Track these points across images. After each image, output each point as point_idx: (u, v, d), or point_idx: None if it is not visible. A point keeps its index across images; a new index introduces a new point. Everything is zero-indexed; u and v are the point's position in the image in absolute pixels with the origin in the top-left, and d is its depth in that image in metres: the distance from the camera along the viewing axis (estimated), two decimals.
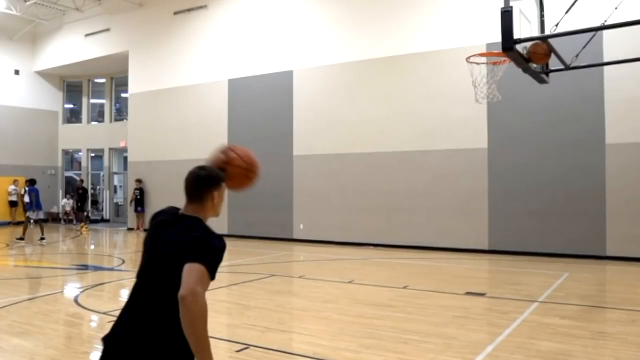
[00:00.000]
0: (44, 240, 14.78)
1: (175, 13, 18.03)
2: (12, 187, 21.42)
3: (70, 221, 22.20)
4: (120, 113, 22.98)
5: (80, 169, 23.68)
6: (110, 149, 22.40)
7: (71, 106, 24.28)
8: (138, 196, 18.56)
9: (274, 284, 8.64)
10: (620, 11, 6.91)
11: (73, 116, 24.24)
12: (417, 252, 12.47)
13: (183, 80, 17.82)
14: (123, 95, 22.02)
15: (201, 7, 17.36)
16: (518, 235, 11.86)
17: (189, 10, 17.66)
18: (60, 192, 23.44)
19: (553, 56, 6.59)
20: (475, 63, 8.89)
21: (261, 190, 15.80)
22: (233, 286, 8.61)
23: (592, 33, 7.34)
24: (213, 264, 2.21)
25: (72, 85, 23.91)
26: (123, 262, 11.29)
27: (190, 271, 2.06)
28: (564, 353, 4.83)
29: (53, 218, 22.76)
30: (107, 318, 6.20)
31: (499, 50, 5.81)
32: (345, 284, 8.53)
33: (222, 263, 2.40)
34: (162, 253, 2.25)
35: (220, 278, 10.18)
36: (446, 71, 12.79)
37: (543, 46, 6.26)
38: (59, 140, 23.53)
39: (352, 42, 14.29)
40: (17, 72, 22.23)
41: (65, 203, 22.61)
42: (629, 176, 10.85)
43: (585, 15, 8.18)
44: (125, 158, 21.64)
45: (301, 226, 14.97)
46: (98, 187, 23.56)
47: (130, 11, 19.22)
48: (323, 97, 14.72)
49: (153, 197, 18.57)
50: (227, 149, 2.86)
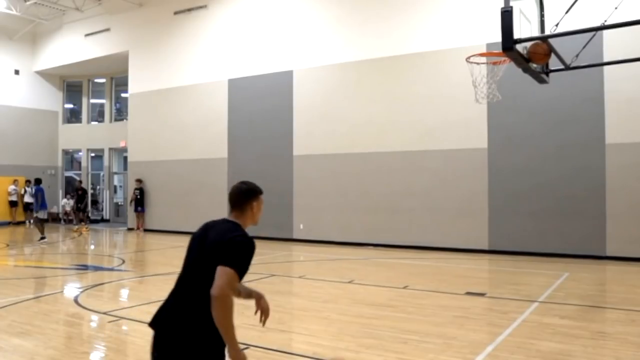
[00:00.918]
0: (45, 239, 14.79)
1: (175, 13, 18.03)
2: (12, 187, 21.42)
3: (70, 221, 22.18)
4: (120, 113, 22.98)
5: (80, 169, 23.68)
6: (110, 149, 22.40)
7: (71, 106, 24.28)
8: (138, 196, 18.55)
9: (274, 284, 8.64)
10: (620, 11, 6.91)
11: (73, 116, 24.24)
12: (417, 252, 12.47)
13: (183, 80, 17.82)
14: (123, 95, 22.02)
15: (201, 7, 17.37)
16: (518, 235, 11.86)
17: (189, 10, 17.66)
18: (60, 192, 23.43)
19: (553, 56, 6.59)
20: (475, 63, 8.88)
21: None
22: None
23: (592, 33, 7.34)
24: (242, 267, 2.63)
25: (72, 85, 23.91)
26: (123, 262, 11.29)
27: (222, 274, 2.46)
28: (564, 353, 4.83)
29: (53, 218, 22.72)
30: (107, 318, 6.20)
31: (499, 50, 5.81)
32: (345, 284, 8.53)
33: None
34: (205, 249, 2.70)
35: None
36: (446, 71, 12.79)
37: (543, 46, 6.25)
38: (59, 140, 23.53)
39: (352, 42, 14.29)
40: (17, 72, 22.23)
41: (65, 203, 22.59)
42: (629, 176, 10.85)
43: (585, 15, 8.19)
44: (125, 158, 21.64)
45: (301, 226, 14.97)
46: (98, 187, 23.56)
47: (130, 11, 19.22)
48: (323, 97, 14.72)
49: (153, 197, 18.57)
50: None
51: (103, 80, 23.06)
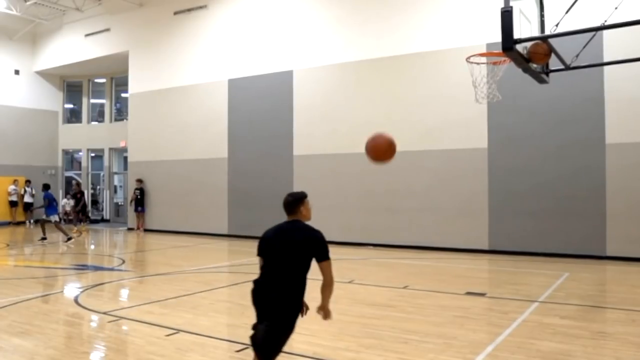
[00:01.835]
0: (46, 240, 14.79)
1: (175, 13, 18.03)
2: (12, 187, 21.42)
3: (70, 221, 22.17)
4: (120, 113, 22.98)
5: (80, 169, 23.68)
6: (110, 149, 22.39)
7: (71, 106, 24.28)
8: (138, 196, 18.55)
9: None
10: (620, 11, 6.92)
11: (73, 116, 24.24)
12: (417, 252, 12.47)
13: (183, 80, 17.82)
14: (123, 95, 22.02)
15: (201, 7, 17.37)
16: (518, 235, 11.86)
17: (189, 10, 17.66)
18: (60, 192, 23.42)
19: (553, 56, 6.59)
20: (475, 63, 8.89)
21: (261, 190, 15.83)
22: (233, 286, 8.61)
23: (592, 33, 7.34)
24: (328, 253, 3.87)
25: (72, 85, 23.91)
26: (123, 262, 11.29)
27: (326, 267, 3.83)
28: (564, 353, 4.83)
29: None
30: (107, 318, 6.20)
31: (499, 50, 5.81)
32: (345, 284, 8.52)
33: (223, 263, 2.63)
34: (298, 245, 3.83)
35: (220, 278, 10.20)
36: (446, 71, 12.79)
37: (543, 46, 6.26)
38: (59, 140, 23.53)
39: (352, 42, 14.29)
40: (17, 72, 22.23)
41: (65, 203, 22.58)
42: (629, 176, 10.85)
43: (585, 15, 8.18)
44: (125, 158, 21.64)
45: None
46: (98, 187, 23.56)
47: (130, 11, 19.22)
48: (323, 97, 14.72)
49: (153, 197, 18.57)
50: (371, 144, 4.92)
51: (103, 80, 23.06)
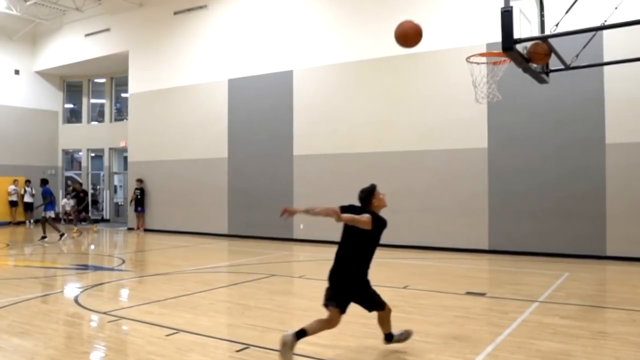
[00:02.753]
0: (46, 239, 14.81)
1: (175, 13, 18.04)
2: (12, 187, 21.42)
3: (70, 221, 22.18)
4: (120, 113, 22.98)
5: (80, 169, 23.68)
6: (110, 149, 22.40)
7: (71, 106, 24.29)
8: (139, 196, 18.55)
9: (274, 284, 8.64)
10: (620, 11, 6.92)
11: (73, 116, 24.25)
12: (417, 252, 12.47)
13: (183, 80, 17.82)
14: (123, 95, 22.03)
15: (201, 7, 17.37)
16: (518, 235, 11.86)
17: (189, 10, 17.66)
18: (60, 192, 23.42)
19: (553, 56, 6.59)
20: (475, 63, 8.88)
21: (261, 190, 15.84)
22: (233, 286, 8.62)
23: (592, 33, 7.35)
24: (376, 221, 4.59)
25: (72, 85, 23.92)
26: (123, 262, 11.29)
27: (362, 215, 4.53)
28: (564, 353, 4.83)
29: (53, 218, 22.71)
30: (107, 318, 6.20)
31: (499, 50, 5.81)
32: None
33: (223, 263, 2.62)
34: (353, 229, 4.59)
35: (220, 278, 10.20)
36: (446, 71, 12.79)
37: (543, 46, 6.26)
38: (59, 140, 23.54)
39: (353, 42, 14.29)
40: (17, 72, 22.23)
41: (65, 203, 22.59)
42: (629, 176, 10.85)
43: (585, 15, 8.18)
44: (125, 158, 21.64)
45: (301, 226, 14.97)
46: (98, 187, 23.57)
47: (130, 11, 19.23)
48: (323, 97, 14.72)
49: (153, 197, 18.58)
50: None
51: (103, 80, 23.07)
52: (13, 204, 21.52)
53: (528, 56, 6.16)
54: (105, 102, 23.07)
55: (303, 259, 12.34)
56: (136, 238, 16.73)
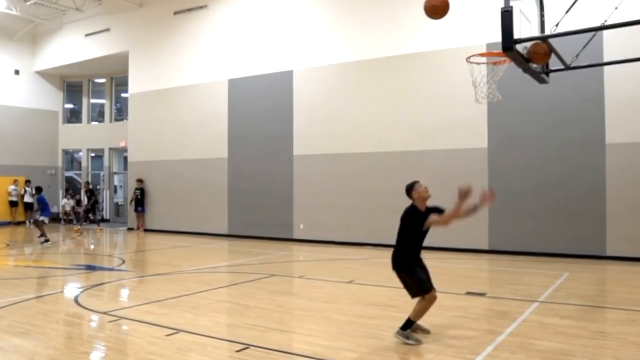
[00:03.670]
0: (49, 242, 14.69)
1: (175, 13, 18.04)
2: (12, 187, 21.42)
3: (70, 221, 22.19)
4: (120, 113, 22.98)
5: (80, 169, 23.68)
6: (110, 149, 22.40)
7: (71, 106, 24.28)
8: (139, 196, 18.55)
9: (274, 284, 8.64)
10: (620, 11, 6.92)
11: (73, 116, 24.25)
12: None
13: (183, 80, 17.82)
14: (123, 95, 22.03)
15: (201, 7, 17.37)
16: (518, 235, 11.86)
17: (189, 10, 17.66)
18: (60, 192, 23.43)
19: (553, 56, 6.59)
20: (475, 63, 8.88)
21: (261, 190, 15.84)
22: (233, 286, 8.62)
23: (592, 33, 7.34)
24: (407, 223, 5.43)
25: (72, 85, 23.91)
26: (123, 262, 11.29)
27: (430, 223, 5.20)
28: (564, 353, 4.83)
29: (53, 218, 22.72)
30: (107, 318, 6.20)
31: (499, 50, 5.81)
32: (345, 284, 8.53)
33: (223, 263, 2.64)
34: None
35: (220, 278, 10.20)
36: (446, 71, 12.79)
37: (543, 46, 6.26)
38: (59, 140, 23.54)
39: (352, 42, 14.29)
40: (17, 72, 22.23)
41: (65, 203, 22.60)
42: (629, 176, 10.85)
43: (585, 15, 8.18)
44: (125, 158, 21.64)
45: (301, 226, 14.97)
46: (98, 187, 23.58)
47: (130, 11, 19.22)
48: (323, 97, 14.72)
49: (153, 197, 18.58)
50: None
51: (103, 80, 23.07)
52: (13, 204, 21.52)
53: (528, 56, 6.16)
54: (105, 102, 23.07)
55: (303, 259, 12.34)
56: (136, 238, 16.73)
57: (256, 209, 15.80)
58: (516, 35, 5.58)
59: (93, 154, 23.53)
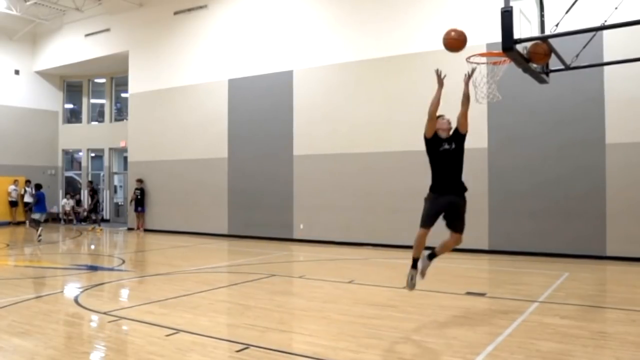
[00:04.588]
0: (41, 238, 14.87)
1: (175, 13, 18.04)
2: (12, 187, 21.42)
3: (70, 221, 22.20)
4: (120, 113, 22.99)
5: (80, 169, 23.68)
6: (110, 149, 22.40)
7: (71, 106, 24.29)
8: (139, 196, 18.56)
9: (274, 284, 8.64)
10: (620, 11, 6.92)
11: (73, 116, 24.25)
12: None
13: (183, 80, 17.83)
14: (123, 95, 22.03)
15: (201, 7, 17.37)
16: (518, 235, 11.86)
17: (189, 10, 17.66)
18: (60, 192, 23.44)
19: (553, 56, 6.59)
20: (475, 63, 8.87)
21: (261, 190, 15.84)
22: (233, 286, 8.62)
23: (592, 33, 7.34)
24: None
25: (72, 85, 23.92)
26: (123, 262, 11.29)
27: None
28: (564, 353, 4.83)
29: (53, 218, 22.76)
30: (107, 318, 6.20)
31: (499, 50, 5.82)
32: (345, 284, 8.53)
33: (223, 263, 2.65)
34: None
35: (220, 278, 10.20)
36: (446, 71, 12.73)
37: (543, 46, 6.26)
38: (59, 140, 23.54)
39: (352, 42, 14.29)
40: (17, 72, 22.23)
41: (65, 203, 22.61)
42: (629, 176, 10.84)
43: (585, 15, 8.18)
44: (125, 158, 21.65)
45: (301, 226, 14.97)
46: (98, 187, 23.59)
47: (130, 11, 19.23)
48: (323, 97, 14.72)
49: (153, 197, 18.58)
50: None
51: (103, 80, 23.07)
52: (13, 204, 21.52)
53: (528, 56, 6.16)
54: (105, 102, 23.08)
55: (303, 259, 12.34)
56: (136, 238, 16.73)
57: (256, 209, 15.80)
58: (516, 35, 5.58)
59: (93, 154, 23.53)
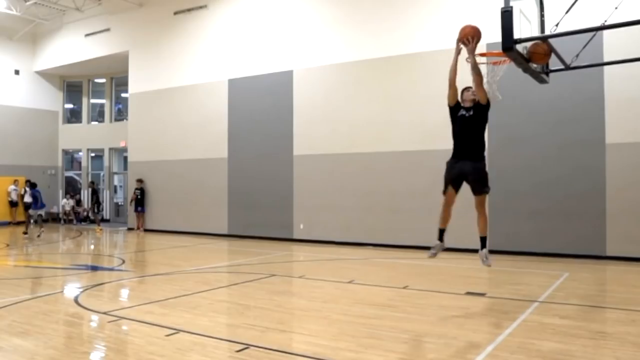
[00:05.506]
0: (27, 235, 15.83)
1: (175, 13, 18.04)
2: (12, 187, 21.42)
3: (70, 221, 22.20)
4: (120, 113, 22.99)
5: (80, 169, 23.68)
6: (110, 149, 22.41)
7: (71, 106, 24.29)
8: (139, 196, 18.56)
9: (274, 284, 8.64)
10: (620, 11, 6.91)
11: (73, 116, 24.25)
12: (417, 252, 12.46)
13: (183, 80, 17.83)
14: (123, 95, 22.03)
15: (201, 7, 17.37)
16: (518, 235, 11.86)
17: (189, 10, 17.66)
18: (60, 192, 23.44)
19: (553, 56, 6.59)
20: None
21: (261, 190, 15.84)
22: (233, 286, 8.62)
23: (592, 33, 7.34)
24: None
25: (72, 85, 23.92)
26: (123, 262, 11.29)
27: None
28: (564, 353, 4.83)
29: (53, 218, 22.76)
30: (107, 318, 6.21)
31: (499, 50, 5.81)
32: (345, 284, 8.53)
33: (223, 263, 2.64)
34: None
35: (220, 278, 10.20)
36: (446, 71, 12.74)
37: (543, 46, 6.26)
38: (59, 140, 23.55)
39: (352, 42, 14.29)
40: (17, 72, 22.23)
41: (65, 203, 22.61)
42: (629, 176, 10.85)
43: (585, 15, 8.18)
44: (125, 158, 21.65)
45: (301, 226, 14.97)
46: (98, 187, 23.60)
47: (130, 11, 19.23)
48: (323, 97, 14.72)
49: (153, 197, 18.58)
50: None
51: (103, 80, 23.07)
52: (13, 204, 21.52)
53: (528, 56, 6.16)
54: (105, 102, 23.08)
55: (303, 259, 12.34)
56: (136, 238, 16.73)
57: (256, 209, 15.80)
58: (516, 35, 5.58)
59: (93, 154, 23.54)
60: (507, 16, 5.45)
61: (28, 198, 21.31)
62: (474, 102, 6.74)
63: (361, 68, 14.08)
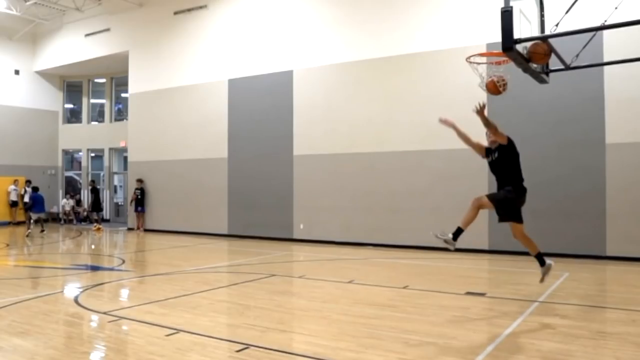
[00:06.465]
0: (29, 231, 16.23)
1: (175, 13, 18.04)
2: (12, 187, 21.42)
3: (70, 221, 22.20)
4: (120, 113, 22.99)
5: (80, 169, 23.68)
6: (110, 149, 22.41)
7: (71, 106, 24.29)
8: (139, 196, 18.56)
9: (274, 284, 8.64)
10: (620, 11, 6.92)
11: (73, 116, 24.26)
12: (417, 252, 12.47)
13: (183, 80, 17.83)
14: (123, 95, 22.04)
15: (201, 7, 17.37)
16: None
17: (189, 10, 17.67)
18: (60, 192, 23.44)
19: (553, 56, 6.59)
20: (475, 63, 8.87)
21: (261, 190, 15.85)
22: (233, 286, 8.62)
23: (592, 33, 7.34)
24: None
25: (72, 85, 23.92)
26: (123, 262, 11.29)
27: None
28: (564, 353, 4.83)
29: (53, 218, 22.77)
30: (107, 318, 6.20)
31: (499, 50, 5.81)
32: (345, 284, 8.53)
33: (223, 263, 2.66)
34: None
35: (220, 278, 10.19)
36: (446, 71, 12.79)
37: (543, 46, 6.26)
38: (59, 140, 23.55)
39: (352, 42, 14.29)
40: (17, 72, 22.24)
41: (65, 203, 22.61)
42: (629, 176, 10.85)
43: (585, 15, 8.19)
44: (125, 158, 21.65)
45: (301, 226, 14.97)
46: (99, 187, 23.61)
47: (130, 11, 19.23)
48: (323, 97, 14.73)
49: (153, 197, 18.58)
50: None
51: (103, 80, 23.08)
52: (13, 204, 21.52)
53: (528, 56, 6.16)
54: (105, 102, 23.08)
55: (303, 259, 12.34)
56: (136, 238, 16.73)
57: (256, 209, 15.80)
58: (516, 35, 5.58)
59: (93, 154, 23.54)
60: (507, 16, 5.45)
61: (28, 198, 21.39)
62: (497, 144, 7.30)
63: (361, 68, 14.09)
